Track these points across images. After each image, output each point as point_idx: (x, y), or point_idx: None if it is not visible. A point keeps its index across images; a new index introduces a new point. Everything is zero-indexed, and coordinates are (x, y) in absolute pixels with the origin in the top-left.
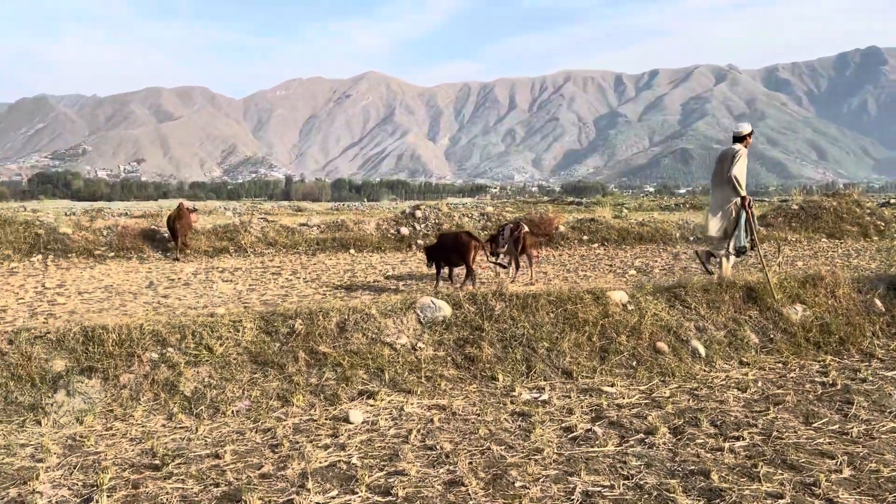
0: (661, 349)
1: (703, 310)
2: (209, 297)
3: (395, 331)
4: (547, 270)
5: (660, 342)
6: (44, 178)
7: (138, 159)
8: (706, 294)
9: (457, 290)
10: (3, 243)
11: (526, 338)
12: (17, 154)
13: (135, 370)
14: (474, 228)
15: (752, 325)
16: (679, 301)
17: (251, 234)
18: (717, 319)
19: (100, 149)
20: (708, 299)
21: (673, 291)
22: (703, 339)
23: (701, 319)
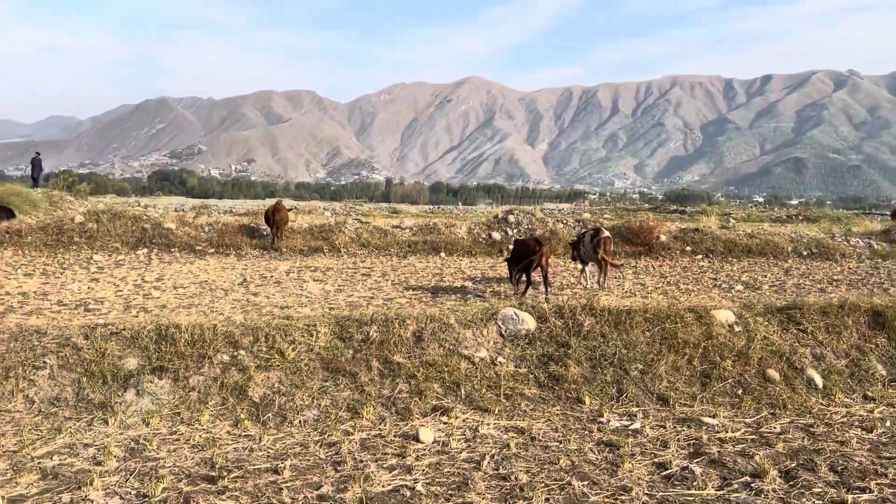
0: (771, 377)
1: (822, 335)
2: (297, 296)
3: (475, 343)
4: (645, 282)
5: (770, 369)
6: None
7: (249, 159)
8: (825, 317)
9: (541, 303)
10: (113, 236)
11: (618, 358)
12: (139, 152)
13: (205, 372)
14: (568, 235)
15: (880, 355)
16: (793, 324)
17: (345, 234)
18: (838, 346)
19: (213, 149)
20: (827, 323)
21: (787, 313)
22: (820, 367)
23: (818, 346)
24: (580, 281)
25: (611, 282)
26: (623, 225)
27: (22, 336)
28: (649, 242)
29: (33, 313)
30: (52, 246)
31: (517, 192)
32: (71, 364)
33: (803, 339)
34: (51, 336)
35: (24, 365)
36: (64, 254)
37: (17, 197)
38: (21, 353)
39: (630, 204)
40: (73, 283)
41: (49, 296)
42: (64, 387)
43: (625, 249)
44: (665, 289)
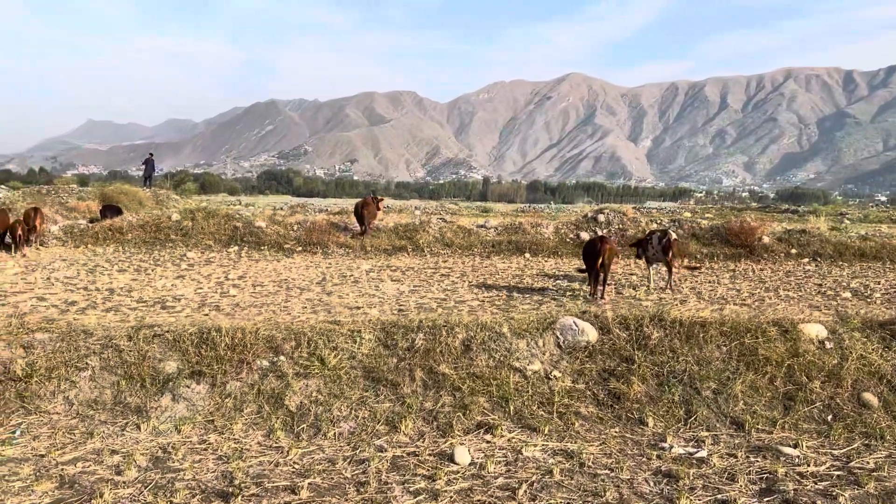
0: (867, 402)
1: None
2: (370, 296)
3: (528, 354)
4: (741, 287)
5: (867, 393)
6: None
7: (351, 159)
8: None
9: (605, 312)
10: (206, 234)
11: (688, 375)
12: (249, 153)
13: (243, 378)
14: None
15: None
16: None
17: (429, 234)
18: None
19: (318, 149)
20: None
21: (890, 328)
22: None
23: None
24: (645, 281)
25: (682, 285)
26: (722, 225)
27: (69, 336)
28: (750, 244)
29: (111, 310)
30: (150, 243)
31: (618, 190)
32: (112, 366)
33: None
34: (96, 337)
35: (68, 365)
36: (160, 250)
37: (125, 195)
38: (66, 354)
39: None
40: (160, 280)
41: (133, 292)
42: (103, 389)
43: (723, 251)
44: (762, 295)
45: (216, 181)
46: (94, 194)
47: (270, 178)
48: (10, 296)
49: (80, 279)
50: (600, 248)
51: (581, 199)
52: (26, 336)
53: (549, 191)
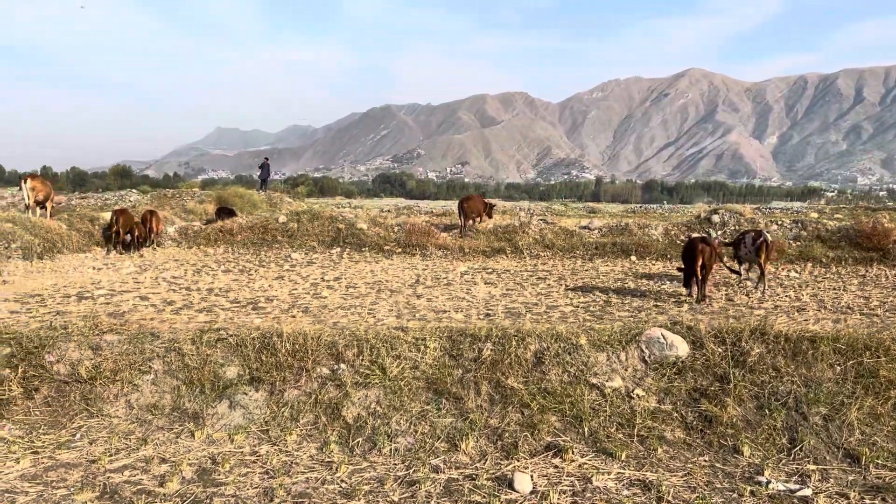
0: None
1: None
2: (459, 300)
3: (608, 369)
4: (870, 295)
5: None
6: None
7: (462, 162)
8: None
9: (698, 323)
10: (311, 235)
11: (793, 398)
12: (365, 157)
13: (302, 386)
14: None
15: None
16: None
17: (528, 235)
18: None
19: (431, 152)
20: None
21: None
22: None
23: None
24: (740, 282)
25: (802, 291)
26: (852, 226)
27: (137, 338)
28: (884, 247)
29: (205, 310)
30: (258, 244)
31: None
32: (174, 370)
33: None
34: (162, 340)
35: (132, 368)
36: (266, 251)
37: (240, 199)
38: (131, 356)
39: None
40: (259, 281)
41: (230, 293)
42: (163, 394)
43: (852, 255)
44: (893, 307)
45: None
46: (212, 197)
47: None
48: (117, 294)
49: (185, 279)
50: (699, 249)
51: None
52: (96, 337)
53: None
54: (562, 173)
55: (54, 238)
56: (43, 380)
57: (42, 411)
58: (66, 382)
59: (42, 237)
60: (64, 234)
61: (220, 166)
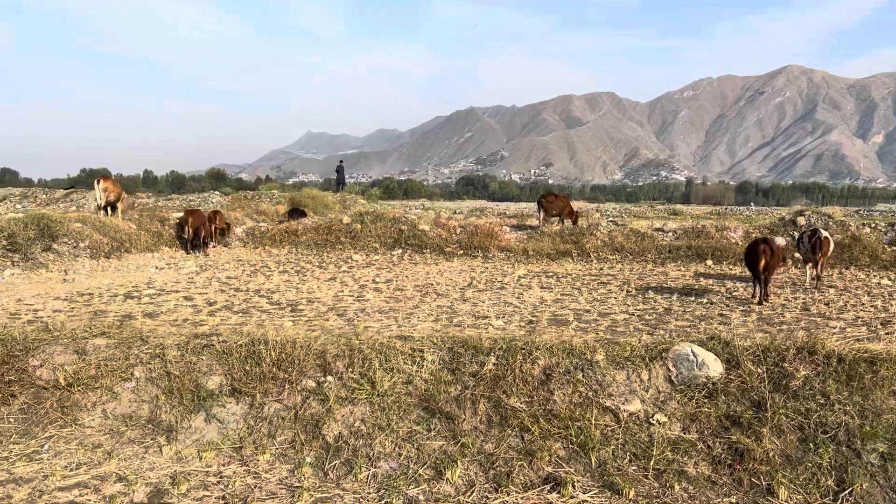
0: None
1: None
2: (506, 305)
3: (626, 390)
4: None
5: None
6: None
7: (547, 163)
8: None
9: (735, 338)
10: (373, 237)
11: (845, 431)
12: (449, 159)
13: (284, 399)
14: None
15: None
16: None
17: (596, 238)
18: None
19: (514, 154)
20: None
21: None
22: None
23: None
24: (809, 276)
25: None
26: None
27: (124, 343)
28: None
29: (243, 312)
30: (321, 245)
31: (842, 191)
32: (156, 378)
33: None
34: (148, 345)
35: (114, 375)
36: (329, 252)
37: (313, 200)
38: (115, 362)
39: None
40: (309, 282)
41: (276, 294)
42: (142, 403)
43: None
44: None
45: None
46: (286, 199)
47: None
48: (164, 294)
49: (238, 280)
50: (764, 250)
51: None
52: (84, 341)
53: (761, 192)
54: (650, 174)
55: (122, 238)
56: (23, 385)
57: (16, 418)
58: (45, 388)
59: (111, 237)
60: (133, 234)
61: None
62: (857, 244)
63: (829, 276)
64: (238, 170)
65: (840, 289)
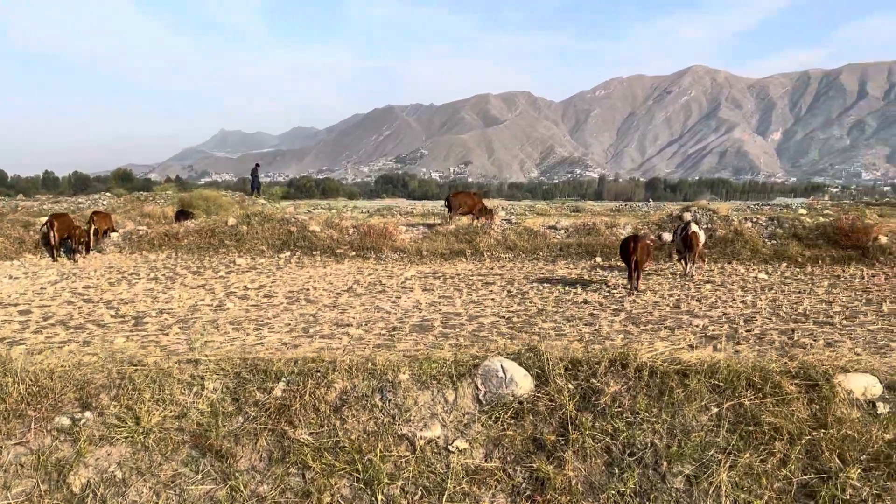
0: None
1: None
2: (377, 310)
3: (427, 413)
4: (834, 299)
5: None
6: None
7: (466, 161)
8: None
9: (550, 350)
10: (260, 239)
11: (652, 452)
12: (368, 158)
13: (29, 442)
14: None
15: None
16: None
17: (490, 237)
18: None
19: (434, 152)
20: None
21: None
22: None
23: None
24: (682, 270)
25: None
26: (830, 224)
27: None
28: (863, 245)
29: (76, 328)
30: (204, 248)
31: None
32: None
33: None
34: None
35: None
36: (212, 256)
37: (206, 201)
38: None
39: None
40: (174, 291)
41: (127, 306)
42: None
43: (829, 254)
44: (859, 310)
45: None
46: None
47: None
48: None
49: (95, 289)
50: (633, 246)
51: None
52: None
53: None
54: (566, 172)
55: None
56: None
57: None
58: None
59: None
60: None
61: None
62: (739, 239)
63: (710, 272)
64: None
65: (717, 284)
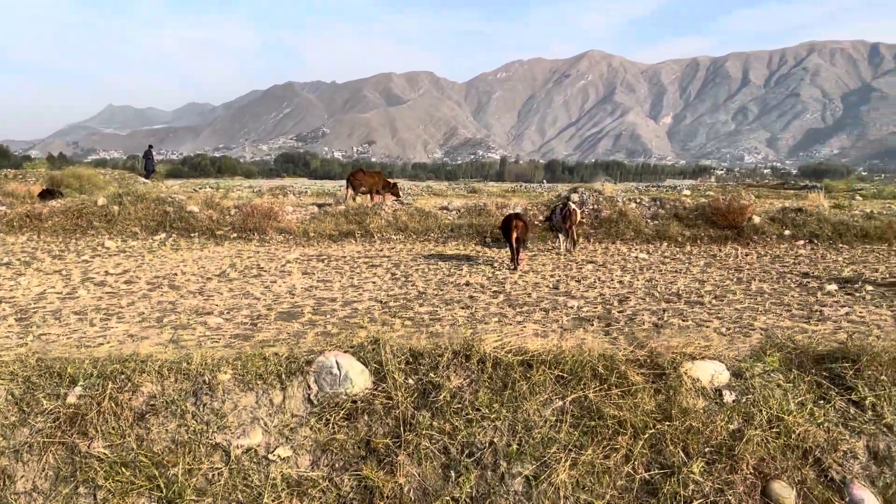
0: (777, 497)
1: (893, 409)
2: (245, 296)
3: (248, 418)
4: (707, 278)
5: (777, 481)
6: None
7: (369, 141)
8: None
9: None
10: (133, 220)
11: (492, 451)
12: (268, 136)
13: None
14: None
15: None
16: (840, 388)
17: (381, 217)
18: None
19: (336, 131)
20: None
21: (829, 367)
22: (884, 480)
23: (887, 433)
24: (556, 247)
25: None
26: (708, 204)
27: None
28: (738, 225)
29: None
30: (71, 230)
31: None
32: None
33: (856, 420)
34: None
35: None
36: (80, 239)
37: (78, 179)
38: None
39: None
40: (22, 278)
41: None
42: None
43: (708, 233)
44: (729, 289)
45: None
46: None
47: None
48: None
49: None
50: (513, 224)
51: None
52: None
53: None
54: (469, 153)
55: None
56: None
57: None
58: None
59: None
60: None
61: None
62: (623, 219)
63: (593, 252)
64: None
65: (599, 264)
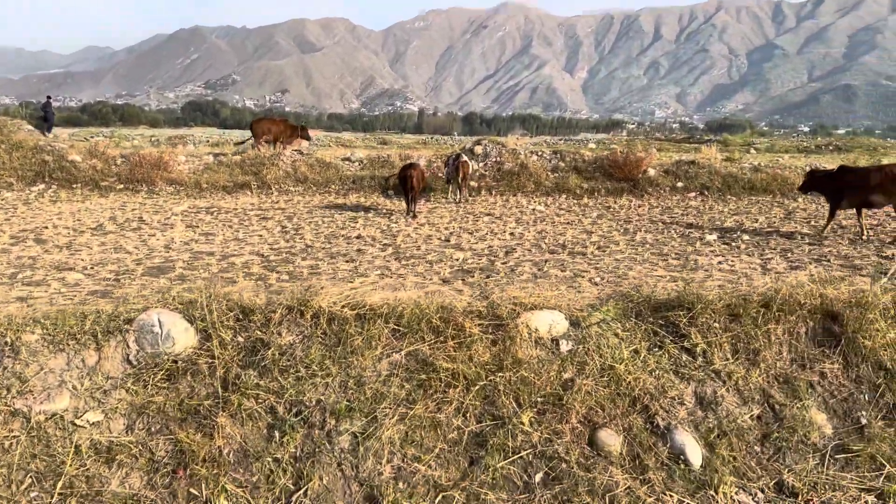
0: (603, 445)
1: (722, 355)
2: (114, 251)
3: (55, 382)
4: (595, 230)
5: (604, 429)
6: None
7: (283, 89)
8: (737, 323)
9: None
10: (8, 170)
11: (320, 410)
12: (174, 83)
13: None
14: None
15: (824, 395)
16: (674, 336)
17: (279, 168)
18: (753, 379)
19: (247, 79)
20: (737, 334)
21: (665, 314)
22: (704, 425)
23: (714, 378)
24: (449, 196)
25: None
26: (606, 157)
27: None
28: (634, 177)
29: None
30: None
31: (553, 122)
32: None
33: (686, 367)
34: None
35: None
36: None
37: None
38: None
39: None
40: None
41: None
42: None
43: (605, 186)
44: (595, 241)
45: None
46: None
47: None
48: None
49: None
50: (409, 174)
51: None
52: None
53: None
54: (386, 104)
55: None
56: None
57: None
58: None
59: None
60: None
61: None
62: (524, 172)
63: (493, 204)
64: None
65: (496, 216)
